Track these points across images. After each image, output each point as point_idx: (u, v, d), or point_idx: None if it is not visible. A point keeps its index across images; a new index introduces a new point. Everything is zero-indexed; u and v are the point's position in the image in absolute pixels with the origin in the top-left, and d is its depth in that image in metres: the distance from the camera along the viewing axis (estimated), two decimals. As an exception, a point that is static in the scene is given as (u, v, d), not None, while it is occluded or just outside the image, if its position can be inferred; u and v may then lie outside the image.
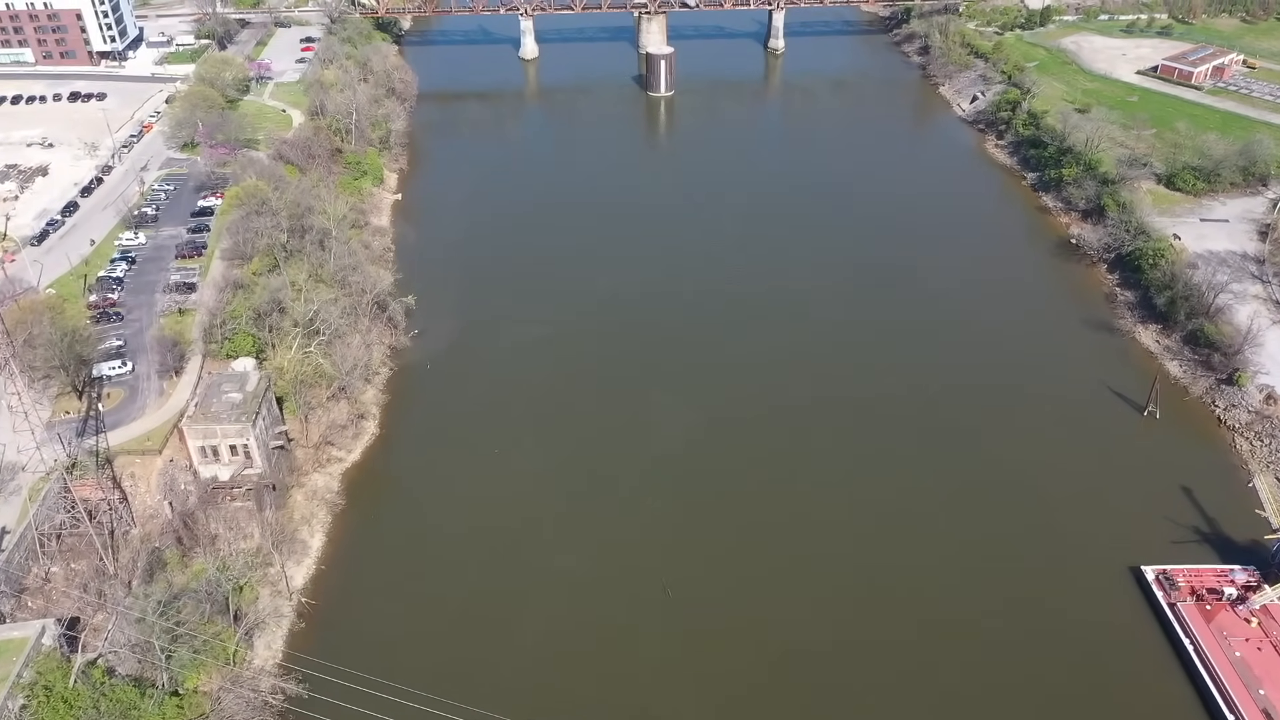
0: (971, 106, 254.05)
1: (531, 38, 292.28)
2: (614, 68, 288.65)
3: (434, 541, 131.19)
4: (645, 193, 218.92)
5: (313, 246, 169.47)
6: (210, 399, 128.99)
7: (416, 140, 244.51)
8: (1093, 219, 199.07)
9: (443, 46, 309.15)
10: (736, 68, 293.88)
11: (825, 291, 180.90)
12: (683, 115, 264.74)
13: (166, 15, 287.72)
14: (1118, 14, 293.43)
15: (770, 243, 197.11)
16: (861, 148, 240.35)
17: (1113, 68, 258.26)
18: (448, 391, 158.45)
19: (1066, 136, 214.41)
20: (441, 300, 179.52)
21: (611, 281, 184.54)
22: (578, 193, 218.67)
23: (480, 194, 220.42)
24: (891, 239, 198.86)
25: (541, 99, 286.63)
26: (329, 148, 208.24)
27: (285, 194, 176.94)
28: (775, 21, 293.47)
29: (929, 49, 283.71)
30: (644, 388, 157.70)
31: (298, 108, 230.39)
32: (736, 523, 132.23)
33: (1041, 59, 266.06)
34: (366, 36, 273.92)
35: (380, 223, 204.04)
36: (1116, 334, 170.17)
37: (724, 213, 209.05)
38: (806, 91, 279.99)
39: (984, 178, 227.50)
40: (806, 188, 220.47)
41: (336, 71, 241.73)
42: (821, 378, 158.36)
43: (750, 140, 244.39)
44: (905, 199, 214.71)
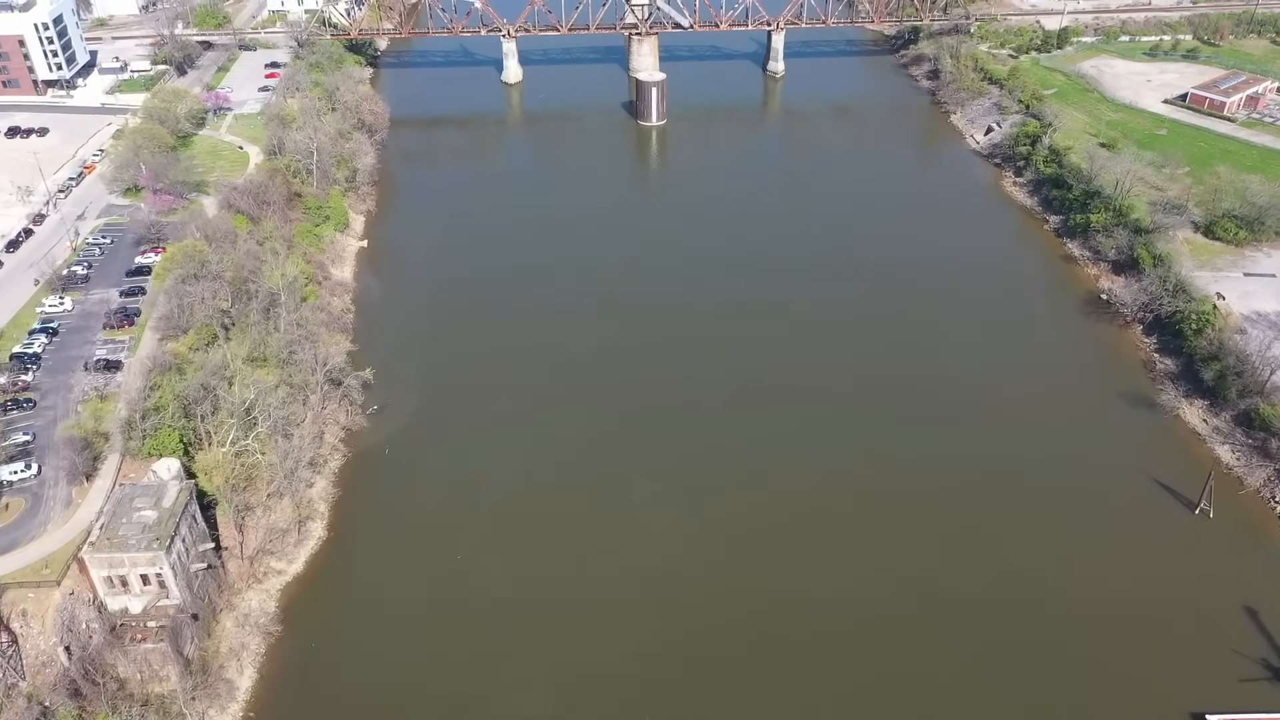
0: (986, 138, 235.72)
1: (515, 60, 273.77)
2: (603, 92, 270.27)
3: (382, 677, 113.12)
4: (632, 238, 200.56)
5: (259, 315, 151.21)
6: (119, 518, 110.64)
7: (388, 176, 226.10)
8: (1125, 272, 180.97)
9: (421, 69, 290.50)
10: (733, 92, 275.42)
11: (829, 360, 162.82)
12: (675, 146, 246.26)
13: (123, 37, 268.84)
14: (1139, 35, 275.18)
15: (769, 298, 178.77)
16: (868, 183, 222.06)
17: (1138, 96, 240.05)
18: (407, 482, 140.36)
19: (1093, 178, 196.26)
20: (406, 368, 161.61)
21: (593, 344, 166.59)
22: (559, 238, 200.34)
23: (454, 237, 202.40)
24: (901, 291, 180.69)
25: (524, 127, 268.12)
26: (286, 193, 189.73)
27: (229, 255, 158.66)
28: (774, 43, 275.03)
29: (939, 73, 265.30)
30: (628, 476, 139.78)
31: (257, 143, 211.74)
32: (730, 661, 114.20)
33: (1060, 85, 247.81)
34: (337, 61, 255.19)
35: (342, 275, 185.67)
36: (1158, 411, 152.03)
37: (720, 259, 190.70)
38: (808, 118, 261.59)
39: (1002, 220, 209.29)
40: (808, 230, 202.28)
41: (300, 103, 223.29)
42: (827, 473, 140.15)
43: (748, 175, 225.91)
44: (916, 243, 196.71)
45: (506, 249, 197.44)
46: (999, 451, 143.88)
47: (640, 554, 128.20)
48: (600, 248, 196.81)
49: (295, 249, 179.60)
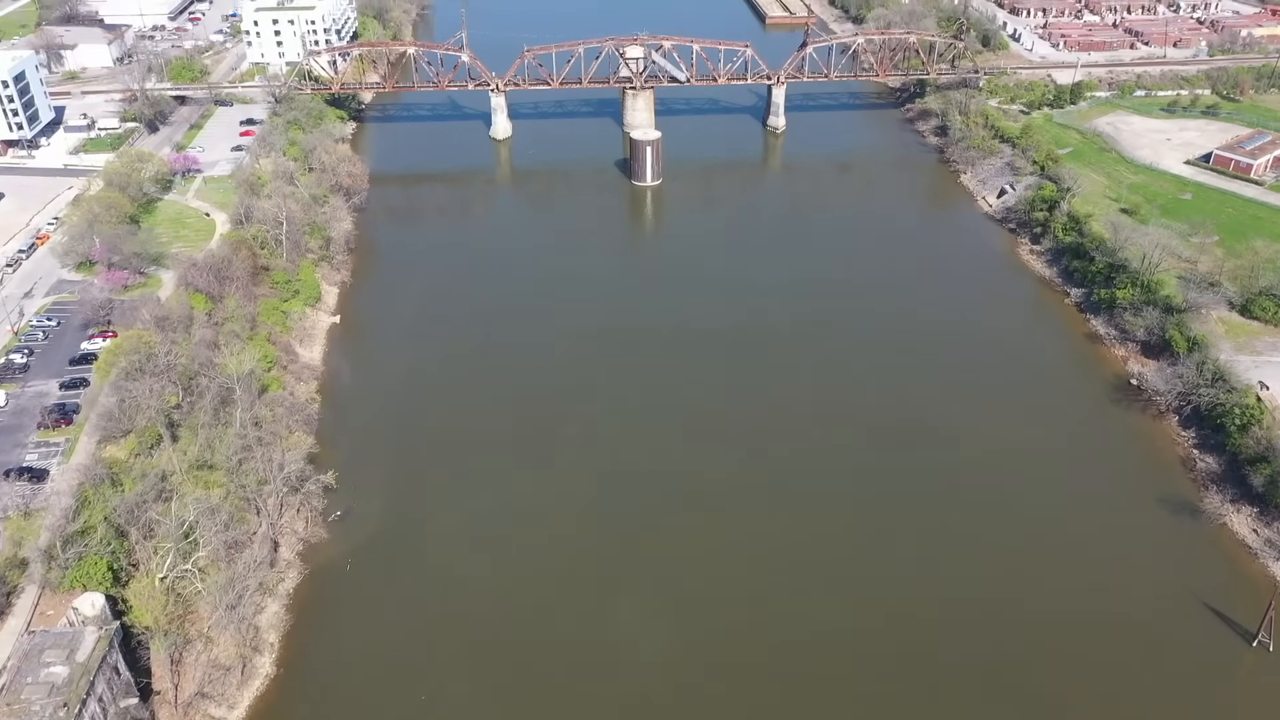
0: (1000, 201, 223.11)
1: (503, 115, 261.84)
2: (596, 149, 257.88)
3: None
4: (624, 313, 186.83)
5: (211, 413, 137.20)
6: (24, 677, 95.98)
7: (366, 241, 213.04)
8: (1157, 354, 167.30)
9: (407, 123, 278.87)
10: (732, 148, 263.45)
11: (831, 450, 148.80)
12: (671, 209, 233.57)
13: (94, 92, 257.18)
14: (1155, 90, 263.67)
15: (770, 379, 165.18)
16: (875, 250, 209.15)
17: (1158, 156, 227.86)
18: (369, 604, 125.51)
19: (1118, 249, 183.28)
20: (374, 466, 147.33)
21: (581, 434, 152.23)
22: (545, 312, 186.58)
23: (433, 310, 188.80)
24: (911, 371, 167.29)
25: (512, 185, 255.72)
26: (251, 266, 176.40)
27: (181, 344, 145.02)
28: (775, 97, 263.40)
29: (947, 129, 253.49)
30: (618, 592, 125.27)
31: (225, 209, 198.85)
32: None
33: (1076, 144, 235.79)
34: (317, 117, 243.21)
35: (310, 356, 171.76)
36: (1201, 519, 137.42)
37: (718, 337, 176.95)
38: (811, 177, 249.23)
39: (1019, 292, 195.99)
40: (811, 303, 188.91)
41: (273, 165, 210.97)
42: (828, 594, 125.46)
43: (747, 241, 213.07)
44: (927, 316, 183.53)
45: (489, 324, 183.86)
46: (1023, 568, 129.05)
47: (631, 692, 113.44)
48: (589, 323, 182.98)
49: (259, 329, 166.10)
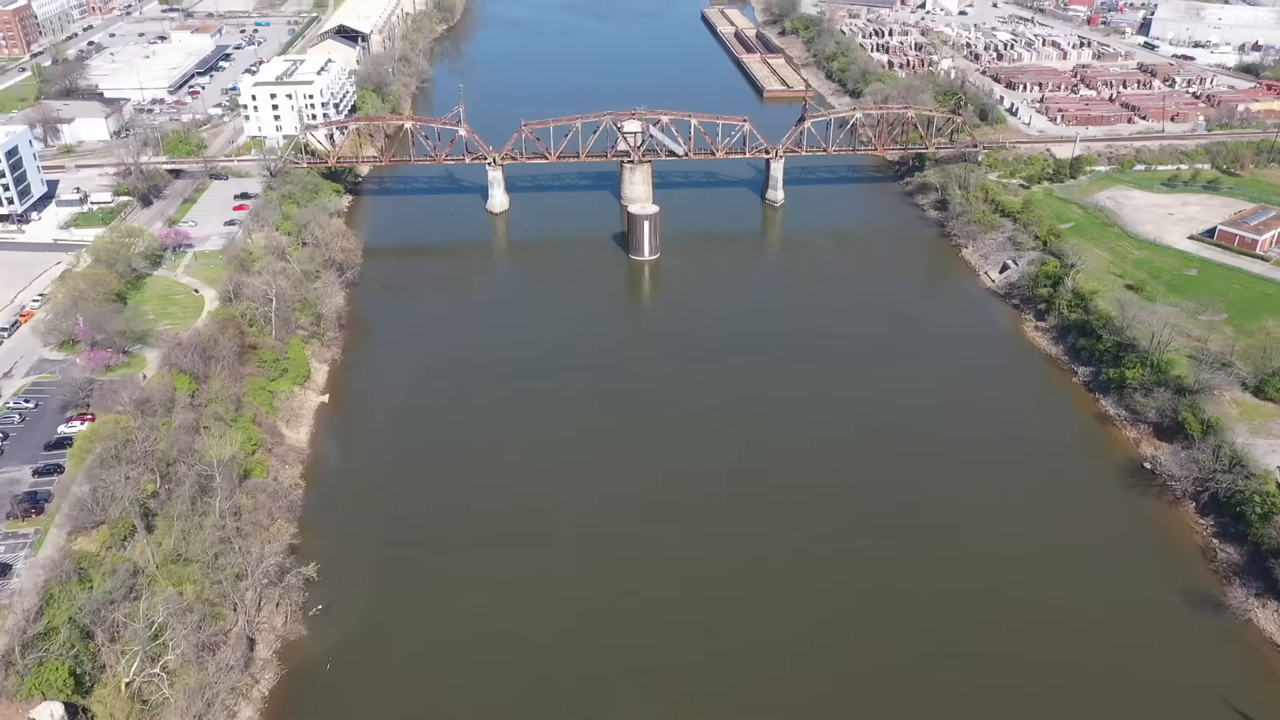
0: (1002, 277, 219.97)
1: (501, 189, 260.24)
2: (593, 222, 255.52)
3: None
4: (619, 396, 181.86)
5: (190, 501, 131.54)
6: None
7: (359, 316, 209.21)
8: (1170, 437, 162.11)
9: (404, 195, 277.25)
10: (730, 222, 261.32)
11: (831, 548, 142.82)
12: (669, 284, 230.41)
13: (88, 165, 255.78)
14: (1155, 164, 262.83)
15: (766, 464, 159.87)
16: (876, 326, 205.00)
17: (1161, 231, 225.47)
18: (349, 708, 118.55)
19: (1125, 328, 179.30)
20: (359, 556, 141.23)
21: (573, 530, 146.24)
22: (540, 393, 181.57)
23: (425, 388, 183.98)
24: (915, 456, 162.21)
25: (509, 259, 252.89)
26: (239, 345, 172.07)
27: (161, 428, 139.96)
28: (774, 171, 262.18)
29: (947, 202, 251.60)
30: (610, 707, 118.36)
31: (215, 285, 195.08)
32: None
33: (1077, 219, 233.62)
34: (312, 191, 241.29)
35: (296, 438, 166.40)
36: (1226, 614, 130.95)
37: (714, 423, 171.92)
38: (810, 251, 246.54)
39: (1025, 370, 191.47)
40: (810, 382, 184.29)
41: (266, 239, 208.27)
42: (837, 692, 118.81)
43: (745, 318, 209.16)
44: (931, 396, 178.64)
45: (483, 403, 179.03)
46: (1037, 663, 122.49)
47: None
48: (586, 406, 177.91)
49: (244, 410, 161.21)
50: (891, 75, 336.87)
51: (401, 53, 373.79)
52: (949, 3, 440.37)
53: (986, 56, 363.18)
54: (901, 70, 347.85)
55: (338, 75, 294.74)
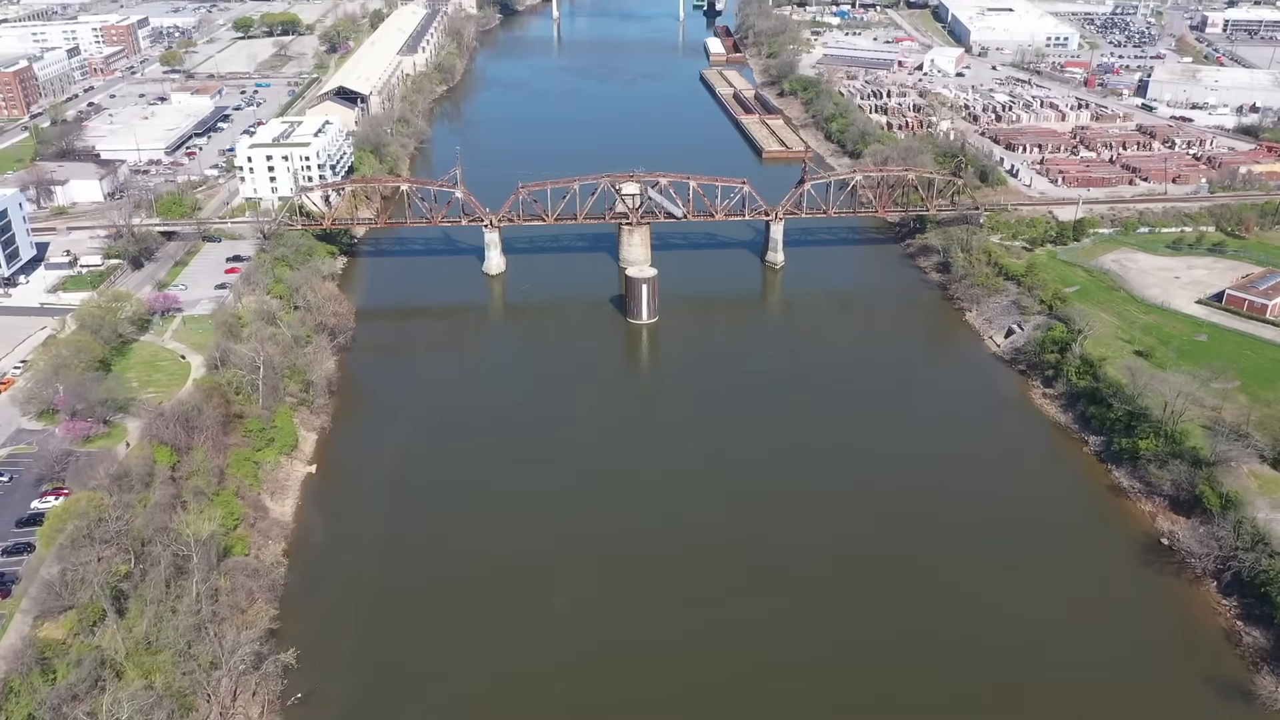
0: (1008, 341, 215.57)
1: (497, 251, 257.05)
2: (591, 285, 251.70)
3: None
4: (616, 463, 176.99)
5: (164, 584, 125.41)
6: None
7: (351, 381, 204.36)
8: (1187, 511, 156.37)
9: (400, 257, 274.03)
10: (730, 285, 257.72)
11: (835, 628, 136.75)
12: (667, 348, 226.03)
13: (80, 227, 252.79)
14: (1159, 226, 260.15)
15: (767, 539, 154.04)
16: (879, 392, 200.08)
17: (1168, 295, 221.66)
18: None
19: (1137, 397, 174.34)
20: (343, 641, 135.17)
21: (566, 611, 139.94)
22: (536, 463, 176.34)
23: (417, 456, 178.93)
24: (920, 531, 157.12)
25: (505, 322, 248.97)
26: (224, 414, 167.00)
27: (138, 505, 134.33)
28: (773, 233, 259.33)
29: (949, 265, 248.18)
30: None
31: (202, 351, 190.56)
32: None
33: (1082, 283, 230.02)
34: (305, 254, 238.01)
35: (280, 512, 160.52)
36: (1255, 704, 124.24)
37: (713, 493, 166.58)
38: (811, 314, 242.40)
39: (1034, 439, 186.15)
40: (811, 451, 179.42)
41: (257, 303, 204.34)
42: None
43: (745, 383, 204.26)
44: (937, 467, 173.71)
45: (476, 474, 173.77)
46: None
47: None
48: (580, 478, 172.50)
49: (227, 483, 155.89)
50: (890, 136, 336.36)
51: (400, 114, 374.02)
52: (946, 65, 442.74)
53: (985, 118, 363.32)
54: (900, 131, 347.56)
55: (335, 137, 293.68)
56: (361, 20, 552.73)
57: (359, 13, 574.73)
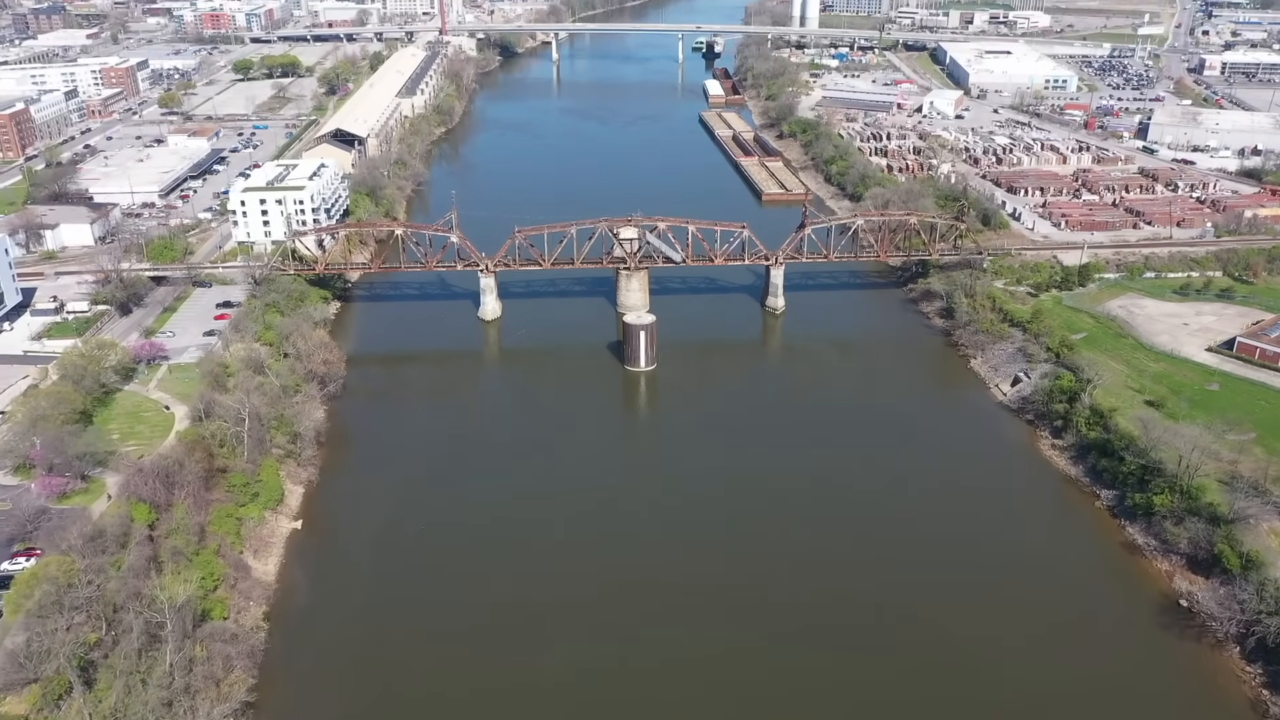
0: (1014, 390, 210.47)
1: (493, 296, 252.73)
2: (588, 330, 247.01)
3: None
4: (616, 519, 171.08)
5: (136, 654, 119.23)
6: None
7: (341, 431, 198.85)
8: (1206, 571, 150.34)
9: (394, 302, 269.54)
10: (729, 330, 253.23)
11: (838, 698, 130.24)
12: (666, 396, 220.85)
13: (68, 272, 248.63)
14: (1165, 271, 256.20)
15: (767, 602, 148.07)
16: (882, 442, 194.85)
17: (1177, 342, 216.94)
18: None
19: (1150, 450, 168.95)
20: (326, 709, 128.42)
21: (558, 680, 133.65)
22: (530, 518, 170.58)
23: (407, 509, 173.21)
24: (926, 589, 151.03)
25: (500, 368, 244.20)
26: (206, 468, 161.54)
27: (112, 567, 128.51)
28: (774, 278, 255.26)
29: (953, 310, 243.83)
30: None
31: (187, 401, 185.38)
32: None
33: (1089, 329, 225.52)
34: (297, 299, 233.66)
35: (263, 571, 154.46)
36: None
37: (712, 551, 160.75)
38: (812, 361, 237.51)
39: (1044, 493, 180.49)
40: (812, 505, 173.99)
41: (245, 351, 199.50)
42: None
43: (745, 432, 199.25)
44: (942, 521, 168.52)
45: (467, 529, 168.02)
46: None
47: None
48: (574, 533, 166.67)
49: (208, 541, 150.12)
50: (891, 179, 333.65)
51: (398, 156, 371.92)
52: (945, 107, 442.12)
53: (986, 160, 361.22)
54: (901, 174, 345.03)
55: (330, 180, 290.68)
56: (361, 62, 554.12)
57: (359, 55, 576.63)
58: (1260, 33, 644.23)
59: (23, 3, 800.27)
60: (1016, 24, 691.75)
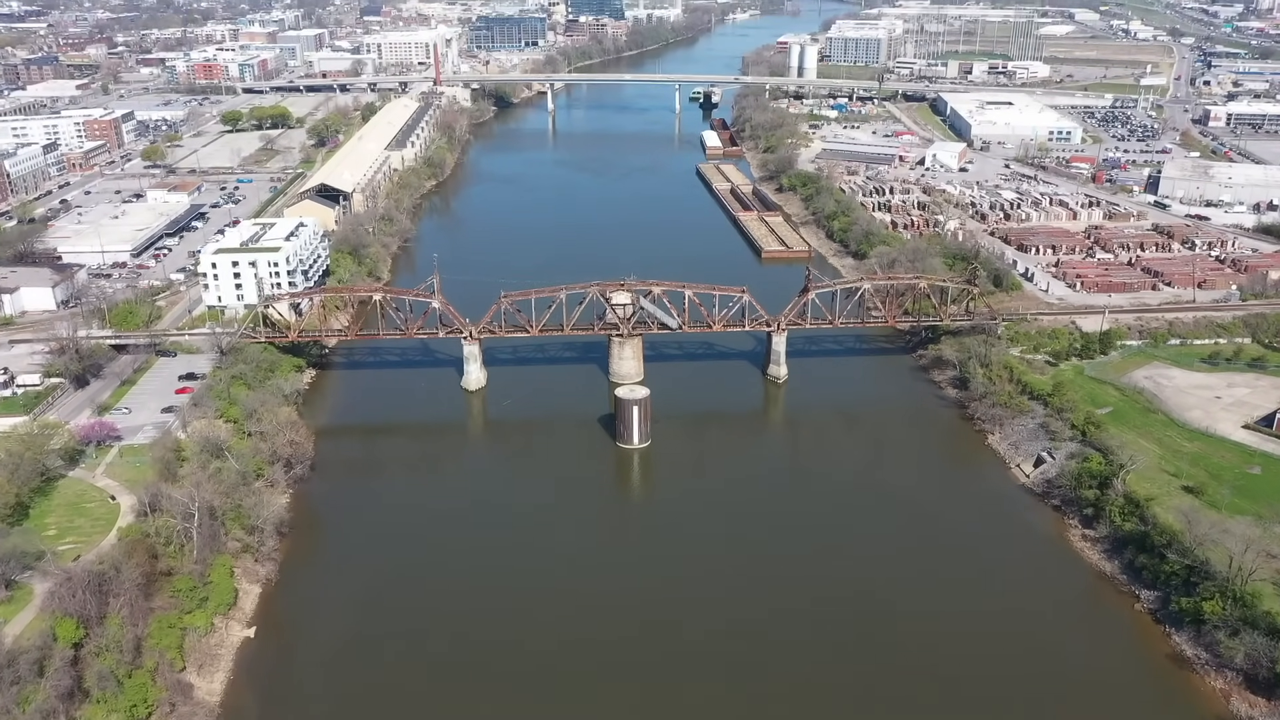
0: (1038, 472, 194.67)
1: (477, 364, 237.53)
2: (578, 401, 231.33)
3: None
4: (603, 616, 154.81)
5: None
6: None
7: (307, 518, 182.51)
8: (1267, 691, 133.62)
9: (373, 370, 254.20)
10: (728, 401, 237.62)
11: None
12: (659, 477, 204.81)
13: (23, 340, 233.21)
14: (1190, 338, 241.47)
15: (765, 709, 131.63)
16: (893, 529, 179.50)
17: (1211, 418, 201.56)
18: None
19: (1195, 547, 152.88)
20: None
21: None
22: (513, 618, 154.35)
23: (374, 614, 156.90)
24: (943, 702, 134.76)
25: (483, 445, 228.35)
26: (148, 571, 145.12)
27: (15, 713, 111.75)
28: (775, 345, 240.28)
29: (966, 380, 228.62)
30: None
31: (136, 489, 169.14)
32: None
33: (1115, 403, 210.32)
34: (266, 371, 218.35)
35: (208, 691, 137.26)
36: None
37: (710, 655, 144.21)
38: (816, 436, 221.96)
39: (1075, 593, 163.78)
40: (818, 603, 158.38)
41: (203, 431, 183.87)
42: None
43: (745, 518, 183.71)
44: (961, 623, 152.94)
45: (444, 629, 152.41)
46: None
47: None
48: (560, 636, 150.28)
49: (145, 656, 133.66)
50: (896, 236, 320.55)
51: (385, 211, 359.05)
52: (949, 159, 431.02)
53: (993, 216, 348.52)
54: (906, 230, 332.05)
55: (309, 239, 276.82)
56: (353, 113, 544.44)
57: (351, 106, 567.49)
58: (1263, 83, 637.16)
59: (16, 54, 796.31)
60: (1016, 74, 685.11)
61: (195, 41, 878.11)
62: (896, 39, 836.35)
